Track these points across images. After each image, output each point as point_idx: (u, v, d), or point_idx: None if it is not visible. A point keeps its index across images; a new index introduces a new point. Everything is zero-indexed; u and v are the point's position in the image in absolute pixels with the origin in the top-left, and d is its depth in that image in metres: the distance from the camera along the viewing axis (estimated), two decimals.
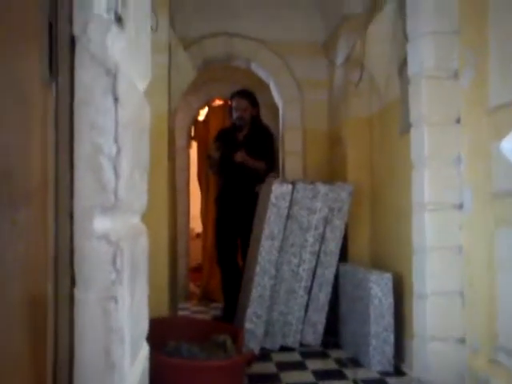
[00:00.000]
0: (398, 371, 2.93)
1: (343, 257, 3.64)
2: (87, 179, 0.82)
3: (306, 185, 3.46)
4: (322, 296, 3.52)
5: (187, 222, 5.69)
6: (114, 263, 0.82)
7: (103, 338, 0.82)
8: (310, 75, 4.41)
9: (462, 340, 2.63)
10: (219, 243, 4.24)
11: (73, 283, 0.82)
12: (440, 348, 2.63)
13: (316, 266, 3.50)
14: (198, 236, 6.78)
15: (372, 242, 3.71)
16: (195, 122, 6.11)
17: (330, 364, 3.13)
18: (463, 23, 2.64)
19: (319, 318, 3.52)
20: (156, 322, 2.17)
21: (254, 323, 3.33)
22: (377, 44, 3.12)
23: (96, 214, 0.82)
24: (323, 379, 2.80)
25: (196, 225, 6.73)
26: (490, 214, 2.45)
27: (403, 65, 2.92)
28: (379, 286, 2.98)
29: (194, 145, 6.28)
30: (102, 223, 0.83)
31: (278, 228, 3.37)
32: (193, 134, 6.11)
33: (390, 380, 2.78)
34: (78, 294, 0.82)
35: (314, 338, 3.52)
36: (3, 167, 0.68)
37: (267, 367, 3.06)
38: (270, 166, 4.17)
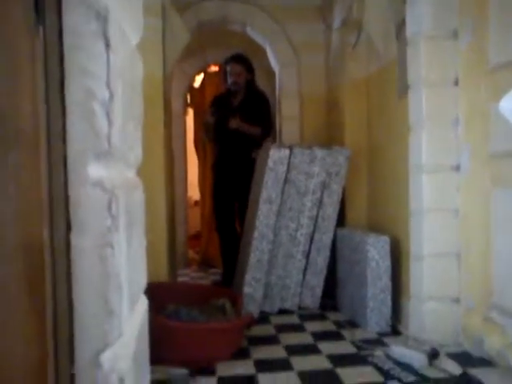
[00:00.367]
0: (394, 331, 2.98)
1: (341, 221, 3.66)
2: (80, 124, 0.81)
3: (304, 149, 3.45)
4: (320, 260, 3.55)
5: (185, 190, 5.69)
6: (109, 209, 0.81)
7: (100, 284, 0.82)
8: (306, 39, 4.35)
9: (457, 300, 2.67)
10: (217, 209, 4.26)
11: (68, 229, 0.82)
12: (435, 308, 2.68)
13: (314, 231, 3.52)
14: (197, 204, 6.79)
15: (369, 205, 3.73)
16: (191, 89, 6.05)
17: (328, 326, 3.17)
18: None
19: (317, 281, 3.56)
20: (155, 287, 2.20)
21: (252, 287, 3.37)
22: (374, 5, 3.07)
23: (90, 159, 0.82)
24: (321, 340, 2.85)
25: (194, 192, 6.73)
26: (486, 174, 2.46)
27: (401, 26, 2.88)
28: (376, 249, 3.01)
29: (191, 112, 6.24)
30: (96, 170, 0.83)
31: (276, 192, 3.38)
32: (189, 100, 6.05)
33: (387, 339, 2.82)
34: (74, 239, 0.82)
35: (312, 301, 3.56)
36: None
37: (266, 329, 3.10)
38: (266, 132, 4.15)
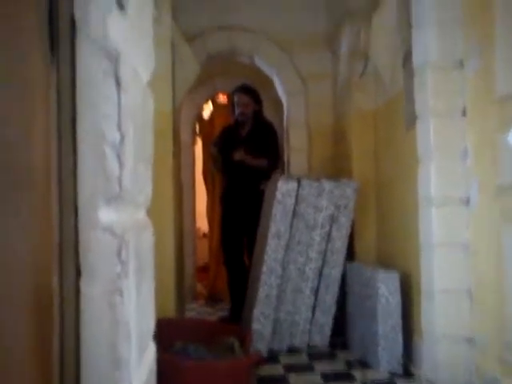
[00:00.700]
0: (406, 371, 2.89)
1: (350, 255, 3.60)
2: (91, 168, 0.80)
3: (312, 181, 3.43)
4: (329, 297, 3.48)
5: (193, 221, 5.66)
6: (119, 255, 0.79)
7: (109, 332, 0.79)
8: (313, 68, 4.37)
9: (471, 339, 2.59)
10: (225, 242, 4.21)
11: (78, 275, 0.79)
12: (449, 347, 2.60)
13: (323, 265, 3.46)
14: (205, 235, 6.75)
15: (379, 239, 3.68)
16: (200, 119, 6.08)
17: (338, 365, 3.09)
18: (468, 12, 2.60)
19: (326, 319, 3.48)
20: (163, 323, 2.15)
21: (261, 323, 3.30)
22: (381, 35, 3.08)
23: (100, 203, 0.80)
24: (332, 381, 2.77)
25: (202, 224, 6.69)
26: (496, 208, 2.41)
27: (408, 56, 2.89)
28: (386, 285, 2.94)
29: (199, 142, 6.25)
30: (106, 214, 0.80)
31: (284, 226, 3.34)
32: (197, 130, 6.07)
33: (398, 381, 2.74)
34: (84, 286, 0.79)
35: (321, 338, 3.48)
36: (6, 155, 0.66)
37: (275, 369, 3.03)
38: (273, 163, 4.14)
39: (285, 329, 3.42)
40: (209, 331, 3.06)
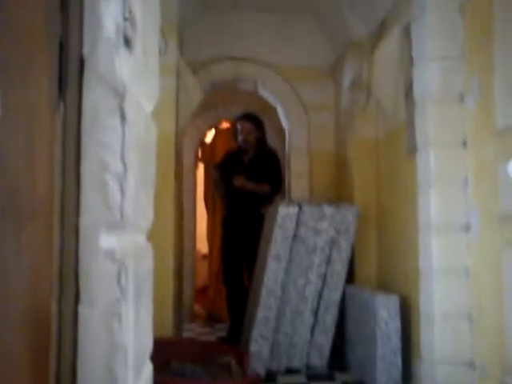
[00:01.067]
0: None
1: (350, 279, 3.62)
2: (93, 197, 0.83)
3: (312, 206, 3.46)
4: (328, 318, 3.49)
5: (193, 243, 5.69)
6: (118, 280, 0.82)
7: (106, 355, 0.81)
8: (316, 99, 4.44)
9: (471, 364, 2.59)
10: (225, 265, 4.24)
11: (77, 300, 0.82)
12: (448, 372, 2.60)
13: (322, 288, 3.48)
14: (205, 257, 6.76)
15: (379, 263, 3.69)
16: (202, 144, 6.15)
17: None
18: (469, 47, 2.66)
19: (325, 340, 3.49)
20: (160, 343, 2.16)
21: (259, 344, 3.31)
22: (383, 67, 3.14)
23: (101, 231, 0.83)
24: None
25: (202, 246, 6.72)
26: (497, 236, 2.44)
27: (409, 88, 2.94)
28: (386, 309, 2.96)
29: (201, 167, 6.31)
30: (107, 240, 0.84)
31: (284, 249, 3.37)
32: (199, 155, 6.14)
33: None
34: (83, 310, 0.82)
35: (320, 360, 3.48)
36: (10, 185, 0.69)
37: None
38: (276, 189, 4.19)
39: (283, 350, 3.43)
40: (206, 351, 3.06)
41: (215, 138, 6.26)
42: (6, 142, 0.67)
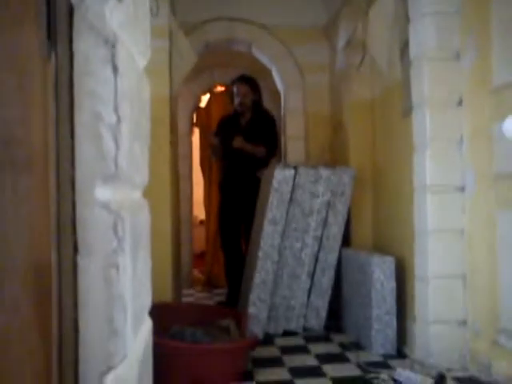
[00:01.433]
0: (400, 354, 2.95)
1: (346, 241, 3.65)
2: (88, 148, 0.83)
3: (308, 169, 3.46)
4: (325, 281, 3.53)
5: (190, 209, 5.71)
6: (115, 231, 0.83)
7: (105, 305, 0.83)
8: (311, 59, 4.39)
9: (464, 323, 2.65)
10: (222, 229, 4.27)
11: (75, 250, 0.83)
12: (442, 331, 2.65)
13: (319, 251, 3.51)
14: (202, 223, 6.80)
15: (375, 226, 3.72)
16: (197, 109, 6.10)
17: (333, 348, 3.15)
18: (465, 3, 2.63)
19: (322, 302, 3.54)
20: (160, 308, 2.19)
21: (257, 308, 3.35)
22: (378, 26, 3.10)
23: (97, 182, 0.83)
24: (326, 362, 2.82)
25: (199, 212, 6.74)
26: (492, 195, 2.46)
27: (405, 47, 2.91)
28: (381, 270, 2.99)
29: (196, 132, 6.28)
30: (102, 192, 0.84)
31: (281, 213, 3.38)
32: (195, 120, 6.11)
33: (392, 362, 2.80)
34: (81, 261, 0.83)
35: (316, 322, 3.54)
36: (4, 136, 0.69)
37: (271, 351, 3.08)
38: (271, 151, 4.19)
39: (281, 313, 3.48)
40: (206, 315, 3.11)
41: (210, 102, 6.22)
42: None
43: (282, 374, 2.66)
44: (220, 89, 6.09)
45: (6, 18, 0.70)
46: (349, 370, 2.69)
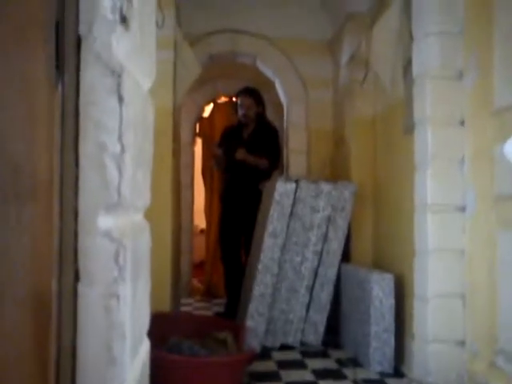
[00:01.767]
0: (397, 372, 2.94)
1: (346, 256, 3.65)
2: (91, 177, 0.84)
3: (310, 183, 3.47)
4: (324, 296, 3.53)
5: (191, 218, 5.71)
6: (116, 260, 0.83)
7: (105, 333, 0.83)
8: (315, 74, 4.41)
9: (463, 343, 2.63)
10: (223, 240, 4.27)
11: (76, 279, 0.83)
12: (440, 350, 2.64)
13: (318, 266, 3.51)
14: (202, 232, 6.79)
15: (375, 242, 3.72)
16: (200, 119, 6.12)
17: (330, 363, 3.14)
18: (468, 24, 2.64)
19: (320, 317, 3.53)
20: (158, 318, 2.19)
21: (255, 320, 3.35)
22: (382, 43, 3.11)
23: (100, 211, 0.84)
24: (323, 378, 2.81)
25: (200, 221, 6.74)
26: (492, 216, 2.45)
27: (408, 65, 2.92)
28: (380, 287, 2.99)
29: (199, 141, 6.30)
30: (105, 220, 0.85)
31: (281, 226, 3.38)
32: (197, 130, 6.12)
33: (389, 381, 2.79)
34: (81, 289, 0.83)
35: (314, 337, 3.53)
36: (10, 165, 0.70)
37: (267, 365, 3.07)
38: (274, 164, 4.19)
39: (278, 327, 3.47)
40: (203, 326, 3.10)
41: (213, 112, 6.23)
42: (5, 121, 0.67)
43: None
44: (224, 99, 6.11)
45: (15, 47, 0.71)
46: None
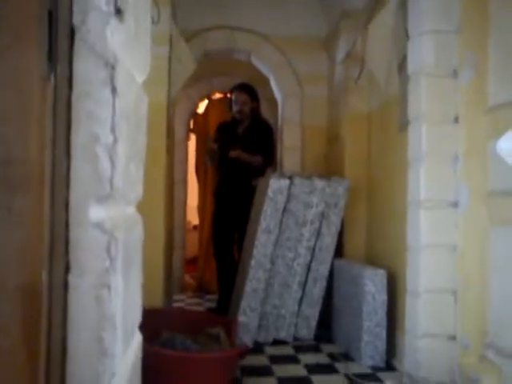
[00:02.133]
0: (389, 366, 2.96)
1: (339, 252, 3.66)
2: (83, 168, 0.84)
3: (303, 179, 3.47)
4: (316, 291, 3.54)
5: (184, 214, 5.70)
6: (108, 251, 0.83)
7: (96, 324, 0.83)
8: (310, 70, 4.41)
9: (453, 337, 2.66)
10: (216, 236, 4.27)
11: (67, 270, 0.83)
12: (431, 345, 2.66)
13: (311, 261, 3.52)
14: (195, 228, 6.79)
15: (368, 238, 3.73)
16: (194, 115, 6.11)
17: (322, 358, 3.15)
18: (464, 22, 2.65)
19: (313, 312, 3.54)
20: (150, 313, 2.19)
21: (247, 316, 3.36)
22: (377, 41, 3.12)
23: (91, 202, 0.84)
24: (315, 373, 2.83)
25: (193, 217, 6.74)
26: (485, 212, 2.47)
27: (403, 62, 2.93)
28: (373, 283, 3.01)
29: (193, 137, 6.29)
30: (96, 212, 0.84)
31: (275, 222, 3.39)
32: (191, 126, 6.11)
33: (381, 375, 2.81)
34: (72, 280, 0.83)
35: (307, 332, 3.55)
36: (1, 155, 0.69)
37: (260, 360, 3.08)
38: (268, 160, 4.20)
39: (271, 322, 3.48)
40: (196, 321, 3.10)
41: (208, 108, 6.22)
42: None
43: (270, 383, 2.66)
44: (218, 95, 6.09)
45: (7, 38, 0.71)
46: (337, 381, 2.70)
